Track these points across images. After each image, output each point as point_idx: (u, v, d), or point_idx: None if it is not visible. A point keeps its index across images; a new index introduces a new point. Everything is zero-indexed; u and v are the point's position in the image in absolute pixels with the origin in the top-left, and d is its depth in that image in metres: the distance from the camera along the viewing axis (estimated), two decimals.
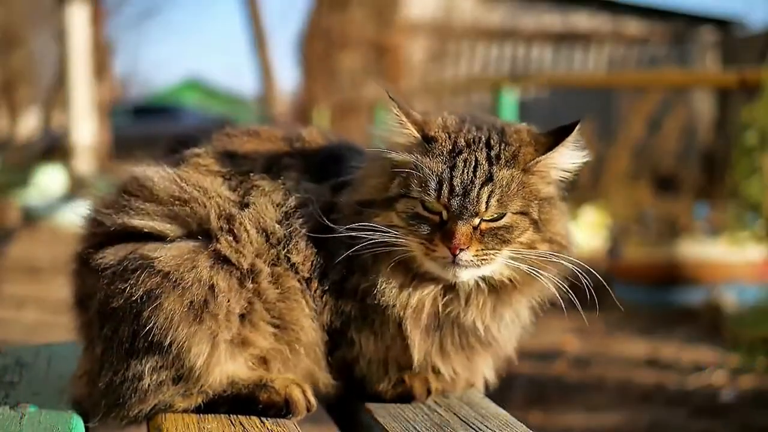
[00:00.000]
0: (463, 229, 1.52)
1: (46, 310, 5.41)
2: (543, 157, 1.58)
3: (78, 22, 13.99)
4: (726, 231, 5.28)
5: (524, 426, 1.59)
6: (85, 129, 14.15)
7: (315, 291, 1.61)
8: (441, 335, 1.63)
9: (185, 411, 1.61)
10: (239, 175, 1.66)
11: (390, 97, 1.59)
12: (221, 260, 1.56)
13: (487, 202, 1.53)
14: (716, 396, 4.31)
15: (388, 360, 1.66)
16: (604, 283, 1.66)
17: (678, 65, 13.53)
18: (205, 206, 1.59)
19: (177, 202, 1.59)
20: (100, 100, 17.32)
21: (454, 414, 1.63)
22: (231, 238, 1.58)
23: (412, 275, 1.59)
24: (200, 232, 1.58)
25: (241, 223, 1.59)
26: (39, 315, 5.43)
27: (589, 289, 1.59)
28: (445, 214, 1.54)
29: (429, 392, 1.68)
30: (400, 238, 1.55)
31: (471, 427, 1.57)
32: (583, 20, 14.69)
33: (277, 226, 1.60)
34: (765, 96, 3.86)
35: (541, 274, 1.58)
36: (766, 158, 3.85)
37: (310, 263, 1.60)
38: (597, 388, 4.50)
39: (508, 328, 1.68)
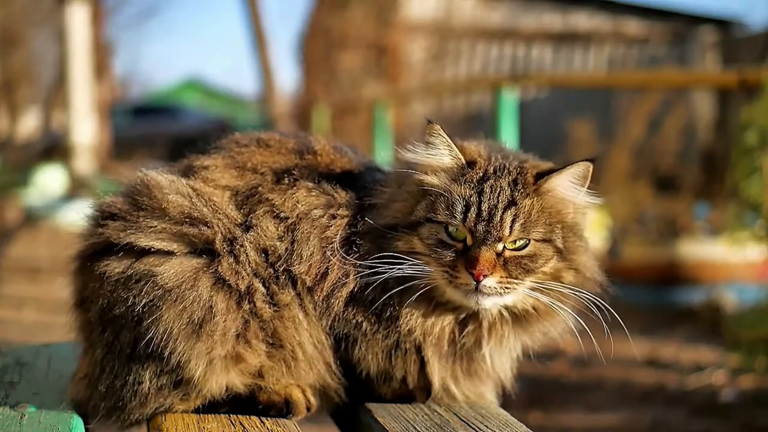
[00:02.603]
0: (486, 254, 1.52)
1: (46, 311, 5.40)
2: (542, 180, 1.59)
3: (78, 22, 13.99)
4: (726, 231, 5.28)
5: (524, 426, 1.59)
6: (85, 129, 14.16)
7: (320, 297, 1.59)
8: (453, 362, 1.64)
9: (185, 412, 1.61)
10: (248, 189, 1.65)
11: (430, 121, 1.59)
12: (221, 281, 1.56)
13: (511, 227, 1.54)
14: (716, 396, 4.31)
15: (393, 373, 1.66)
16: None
17: (678, 65, 13.52)
18: (213, 228, 1.58)
19: (186, 221, 1.58)
20: (100, 100, 17.32)
21: (454, 414, 1.63)
22: (232, 260, 1.57)
23: (435, 303, 1.60)
24: (204, 251, 1.58)
25: (242, 245, 1.58)
26: (38, 315, 5.42)
27: (604, 321, 1.60)
28: (469, 239, 1.54)
29: (429, 394, 1.68)
30: (423, 269, 1.55)
31: (471, 427, 1.57)
32: (583, 20, 14.69)
33: (278, 243, 1.59)
34: (765, 96, 3.86)
35: (561, 308, 1.59)
36: (766, 158, 3.84)
37: (316, 270, 1.59)
38: (597, 388, 4.50)
39: (511, 358, 1.70)
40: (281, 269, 1.59)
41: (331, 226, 1.60)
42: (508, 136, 4.76)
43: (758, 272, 5.86)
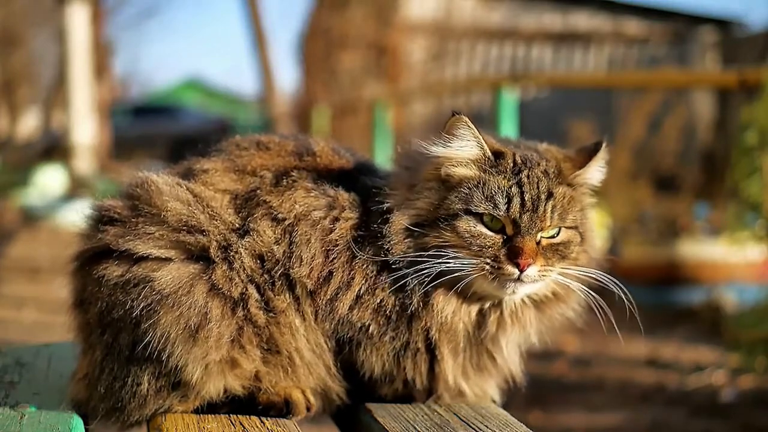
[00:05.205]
0: (530, 244, 1.54)
1: (46, 310, 5.40)
2: (580, 171, 1.63)
3: (78, 22, 13.98)
4: (726, 231, 5.29)
5: (524, 426, 1.59)
6: (85, 129, 14.14)
7: (323, 300, 1.58)
8: (464, 358, 1.64)
9: (184, 412, 1.61)
10: (246, 192, 1.64)
11: (456, 113, 1.58)
12: (216, 288, 1.56)
13: (551, 217, 1.56)
14: (716, 396, 4.31)
15: (400, 375, 1.65)
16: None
17: (678, 65, 13.52)
18: (208, 235, 1.58)
19: (184, 228, 1.58)
20: (100, 100, 17.32)
21: (454, 414, 1.63)
22: (226, 267, 1.57)
23: (461, 297, 1.59)
24: (200, 257, 1.58)
25: (236, 252, 1.57)
26: (38, 315, 5.42)
27: (623, 298, 1.64)
28: (509, 229, 1.55)
29: (429, 394, 1.68)
30: (466, 262, 1.54)
31: (471, 427, 1.57)
32: (583, 20, 14.69)
33: (275, 247, 1.58)
34: (765, 96, 3.85)
35: (581, 290, 1.63)
36: (766, 158, 3.84)
37: (318, 274, 1.58)
38: (597, 388, 4.50)
39: (519, 349, 1.71)
40: (278, 273, 1.58)
41: (335, 228, 1.59)
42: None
43: (758, 272, 5.86)
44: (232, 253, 1.57)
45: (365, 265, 1.58)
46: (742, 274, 5.98)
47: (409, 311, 1.58)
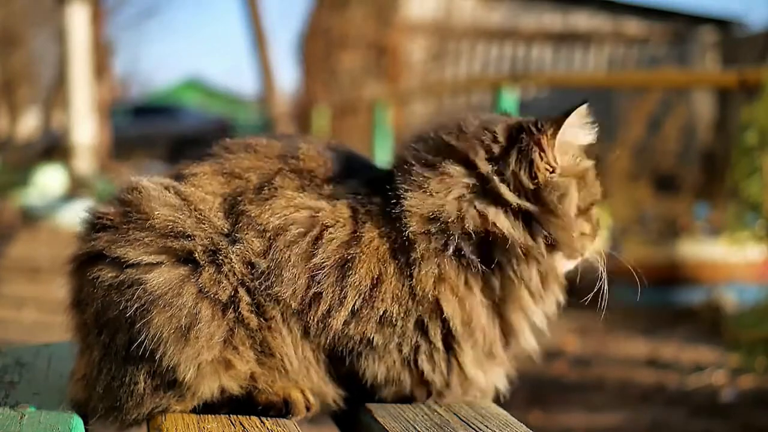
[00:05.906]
0: None
1: (46, 311, 5.40)
2: None
3: (78, 22, 13.99)
4: (726, 231, 5.29)
5: (524, 426, 1.58)
6: (85, 129, 14.15)
7: (313, 319, 1.56)
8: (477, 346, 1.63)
9: (183, 412, 1.62)
10: (233, 197, 1.61)
11: (588, 102, 1.67)
12: (203, 291, 1.55)
13: None
14: (716, 396, 4.31)
15: (402, 380, 1.63)
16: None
17: (678, 65, 13.53)
18: (194, 240, 1.57)
19: (171, 234, 1.57)
20: (100, 100, 17.32)
21: (454, 414, 1.63)
22: (213, 270, 1.55)
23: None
24: (189, 260, 1.57)
25: (226, 256, 1.56)
26: (38, 315, 5.42)
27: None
28: None
29: (429, 394, 1.68)
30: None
31: (471, 427, 1.57)
32: (583, 20, 14.70)
33: (260, 260, 1.56)
34: (765, 96, 3.86)
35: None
36: (766, 158, 3.84)
37: (302, 295, 1.55)
38: (597, 388, 4.50)
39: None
40: (264, 286, 1.56)
41: (317, 253, 1.55)
42: None
43: (758, 272, 5.86)
44: (221, 257, 1.56)
45: (359, 282, 1.54)
46: (742, 274, 5.98)
47: (418, 311, 1.56)
